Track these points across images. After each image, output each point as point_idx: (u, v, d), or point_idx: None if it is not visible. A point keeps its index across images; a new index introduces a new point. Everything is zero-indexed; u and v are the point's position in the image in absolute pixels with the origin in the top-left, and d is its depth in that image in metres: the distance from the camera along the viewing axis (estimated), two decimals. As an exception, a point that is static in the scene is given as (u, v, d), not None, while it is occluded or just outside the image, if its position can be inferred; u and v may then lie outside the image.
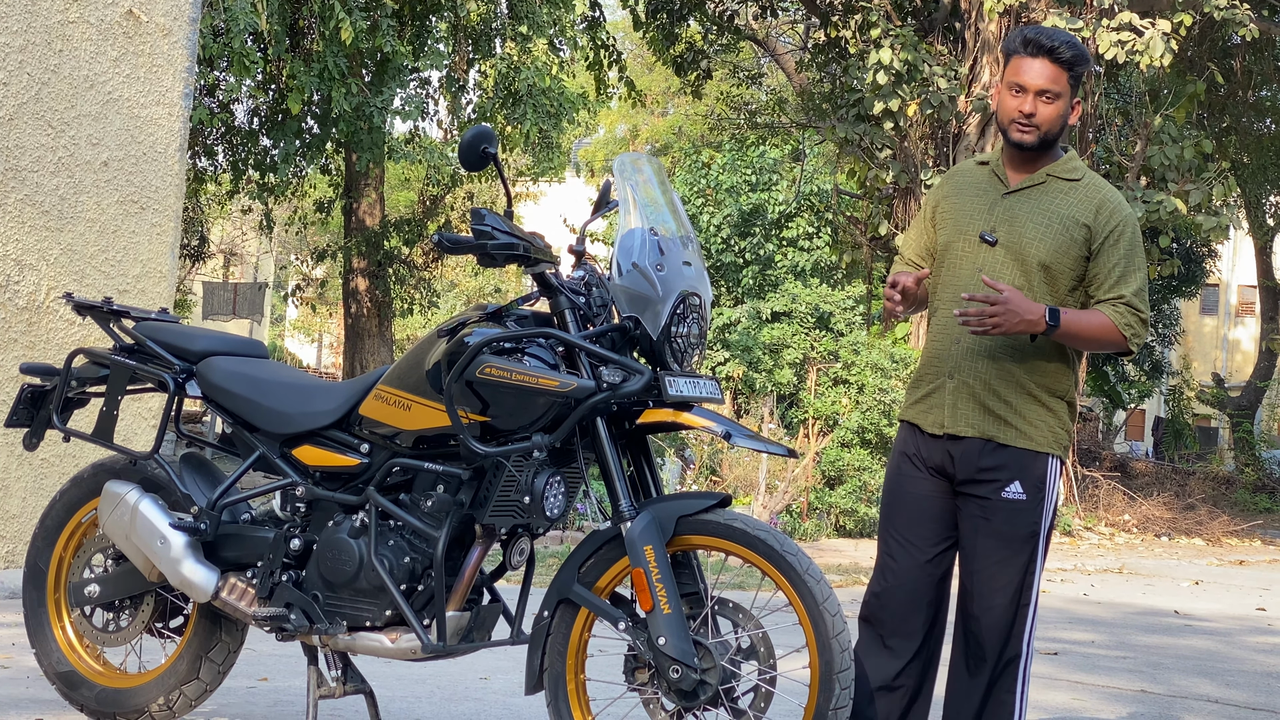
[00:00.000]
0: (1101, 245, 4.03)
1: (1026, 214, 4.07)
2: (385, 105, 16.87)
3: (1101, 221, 4.04)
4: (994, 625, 4.06)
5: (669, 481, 14.05)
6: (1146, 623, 9.65)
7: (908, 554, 4.14)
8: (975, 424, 4.05)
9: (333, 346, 48.16)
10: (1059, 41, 4.02)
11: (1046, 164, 4.12)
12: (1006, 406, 4.04)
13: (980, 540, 4.07)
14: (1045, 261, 4.01)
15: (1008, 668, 4.07)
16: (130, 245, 8.49)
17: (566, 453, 3.98)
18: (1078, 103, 4.12)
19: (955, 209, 4.18)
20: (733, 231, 23.77)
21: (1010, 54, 4.08)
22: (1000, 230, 4.06)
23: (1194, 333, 46.93)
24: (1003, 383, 4.04)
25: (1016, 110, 4.03)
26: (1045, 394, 4.08)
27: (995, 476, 4.04)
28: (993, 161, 4.20)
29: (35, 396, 4.73)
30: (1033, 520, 4.06)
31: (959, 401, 4.07)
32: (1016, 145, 4.07)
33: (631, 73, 21.84)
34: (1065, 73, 4.02)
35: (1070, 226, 4.03)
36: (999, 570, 4.05)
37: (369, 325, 21.63)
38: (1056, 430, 4.10)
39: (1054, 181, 4.10)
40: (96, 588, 4.52)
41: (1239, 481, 25.71)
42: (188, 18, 8.82)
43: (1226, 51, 21.30)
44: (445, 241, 3.93)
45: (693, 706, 3.74)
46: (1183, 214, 16.23)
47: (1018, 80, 4.03)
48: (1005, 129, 4.08)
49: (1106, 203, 4.07)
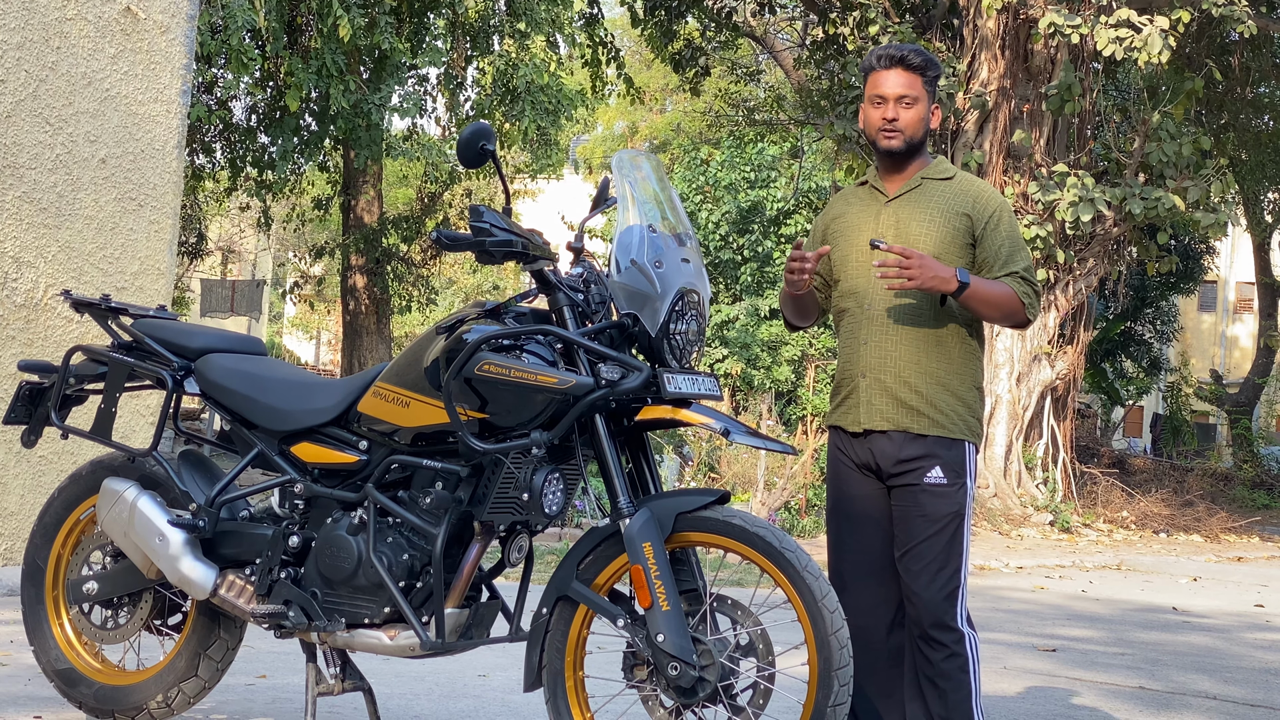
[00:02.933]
0: (984, 230, 4.27)
1: (909, 215, 4.30)
2: (383, 102, 16.88)
3: (980, 209, 4.28)
4: (929, 603, 4.18)
5: (667, 478, 14.06)
6: (1145, 619, 9.65)
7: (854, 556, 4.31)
8: (890, 417, 4.23)
9: (331, 343, 48.18)
10: (907, 50, 4.29)
11: (919, 169, 4.36)
12: (918, 397, 4.22)
13: (909, 524, 4.23)
14: (934, 254, 4.21)
15: (954, 645, 4.17)
16: (128, 242, 8.49)
17: (565, 450, 3.98)
18: (936, 107, 4.38)
19: (844, 226, 4.40)
20: (731, 228, 23.78)
21: (868, 72, 4.34)
22: (887, 234, 4.27)
23: (1192, 329, 46.95)
24: (914, 374, 4.23)
25: (880, 119, 4.30)
26: (956, 382, 4.27)
27: (917, 464, 4.21)
28: (870, 179, 4.44)
29: (33, 394, 4.72)
30: (956, 502, 4.23)
31: (873, 398, 4.26)
32: (886, 152, 4.31)
33: (630, 70, 21.85)
34: (919, 78, 4.29)
35: (951, 218, 4.26)
36: (926, 548, 4.20)
37: (367, 322, 21.63)
38: (968, 418, 4.28)
39: (929, 183, 4.34)
40: (95, 585, 4.52)
41: (1237, 478, 25.72)
42: (185, 14, 8.82)
43: (1225, 48, 21.28)
44: (444, 238, 3.92)
45: (691, 703, 3.75)
46: (1181, 210, 16.23)
47: (877, 92, 4.29)
48: (874, 140, 4.33)
49: (981, 193, 4.32)
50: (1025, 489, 17.64)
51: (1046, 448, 18.26)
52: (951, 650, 4.16)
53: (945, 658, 4.16)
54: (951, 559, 4.21)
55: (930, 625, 4.17)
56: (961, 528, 4.24)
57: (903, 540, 4.24)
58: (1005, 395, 17.62)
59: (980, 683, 4.22)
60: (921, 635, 4.20)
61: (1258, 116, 24.51)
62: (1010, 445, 17.69)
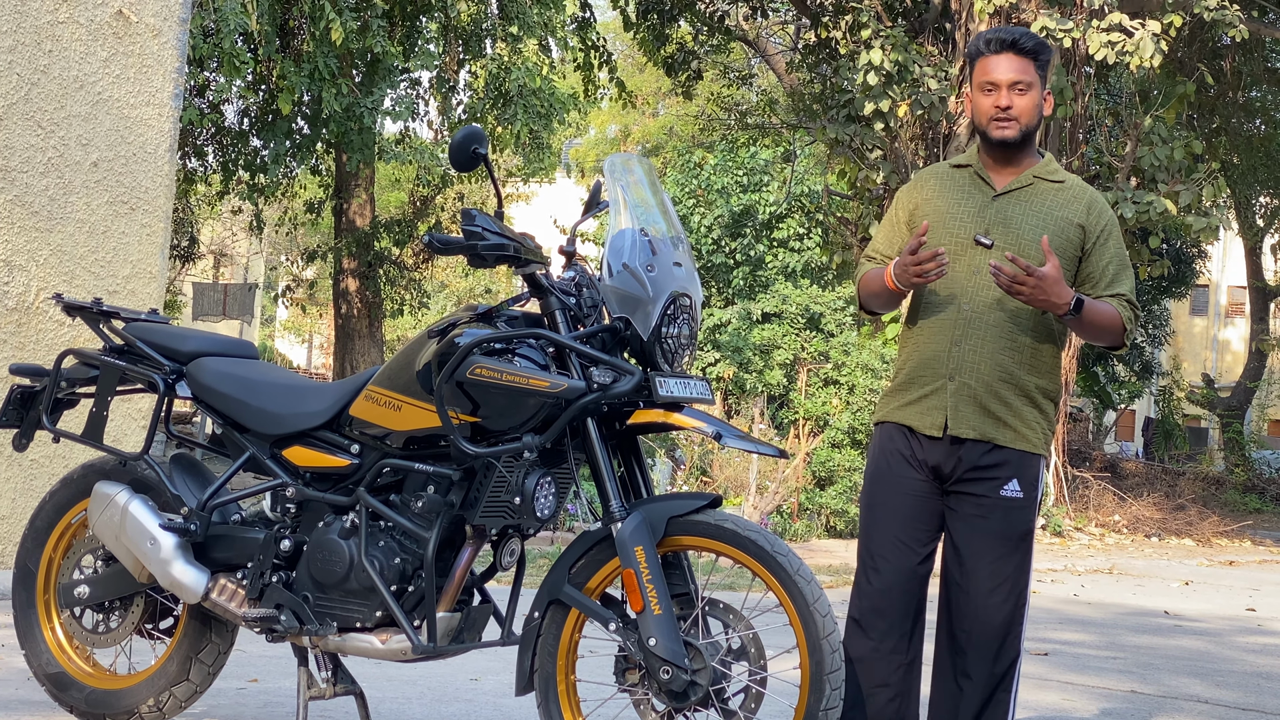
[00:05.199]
0: (1095, 244, 4.08)
1: (1021, 216, 4.08)
2: (376, 106, 16.87)
3: (1093, 221, 4.09)
4: (993, 625, 4.05)
5: (659, 482, 14.05)
6: (1137, 623, 9.66)
7: (900, 555, 4.12)
8: (976, 426, 4.05)
9: (323, 347, 48.14)
10: (1020, 34, 4.08)
11: (1029, 165, 4.15)
12: (1005, 408, 4.05)
13: (978, 539, 4.06)
14: (1040, 261, 3.98)
15: (1008, 669, 4.08)
16: (120, 246, 8.48)
17: (557, 453, 3.98)
18: (1049, 94, 4.15)
19: (939, 211, 4.15)
20: (723, 232, 23.77)
21: (975, 57, 4.11)
22: (995, 232, 4.06)
23: (1184, 333, 47.01)
24: (1002, 384, 4.05)
25: (993, 107, 4.06)
26: (1040, 395, 4.10)
27: (995, 475, 4.04)
28: (974, 165, 4.20)
29: (25, 397, 4.72)
30: (1027, 519, 4.09)
31: (960, 404, 4.06)
32: (1000, 143, 4.08)
33: (622, 73, 21.84)
34: (1032, 62, 4.06)
35: (1065, 227, 4.06)
36: (997, 568, 4.05)
37: (359, 326, 21.62)
38: (1047, 432, 4.14)
39: (1041, 183, 4.13)
40: (86, 589, 4.51)
41: (1229, 482, 25.78)
42: (178, 18, 8.81)
43: (1216, 52, 21.33)
44: (436, 242, 3.92)
45: (683, 707, 3.74)
46: (1173, 214, 16.26)
47: (988, 79, 4.06)
48: (985, 129, 4.09)
49: (1095, 203, 4.13)
50: (1017, 493, 17.62)
51: (1039, 451, 18.26)
52: (1007, 670, 4.06)
53: (1003, 674, 4.05)
54: (1021, 579, 4.08)
55: (992, 649, 4.05)
56: (1031, 546, 4.11)
57: (971, 555, 4.07)
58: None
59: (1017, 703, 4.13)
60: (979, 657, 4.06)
61: (1249, 120, 24.57)
62: (1002, 449, 17.68)
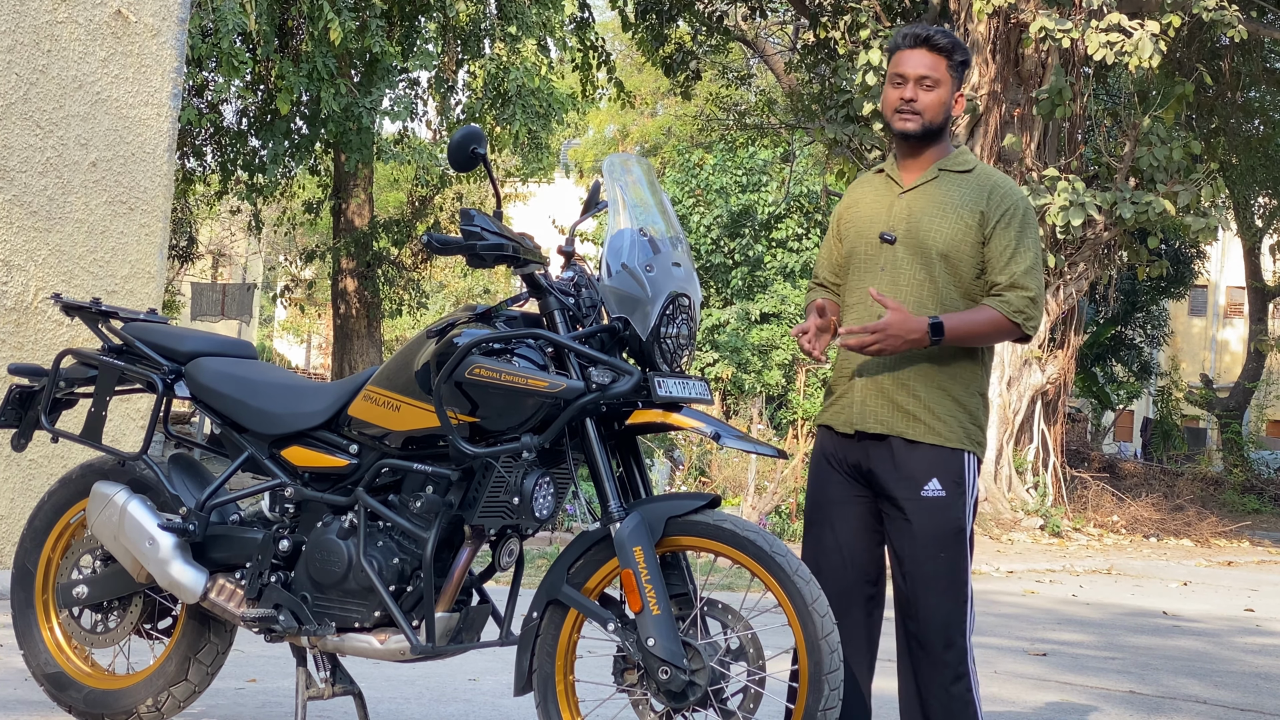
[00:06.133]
0: (994, 229, 4.07)
1: (922, 208, 4.11)
2: (374, 106, 16.87)
3: (993, 206, 4.09)
4: (934, 625, 4.05)
5: (658, 482, 14.05)
6: (1135, 623, 9.66)
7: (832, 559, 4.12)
8: (885, 421, 4.06)
9: (321, 347, 48.12)
10: (934, 31, 4.12)
11: (937, 158, 4.18)
12: (916, 402, 4.05)
13: (907, 542, 4.06)
14: (944, 251, 4.05)
15: (958, 666, 4.05)
16: (119, 246, 8.48)
17: (555, 453, 3.98)
18: (960, 95, 4.19)
19: (857, 216, 4.23)
20: (722, 232, 23.79)
21: (892, 51, 4.17)
22: (899, 227, 4.11)
23: (1182, 334, 47.01)
24: (913, 378, 4.06)
25: (898, 99, 4.11)
26: (958, 388, 4.09)
27: (914, 474, 4.04)
28: (887, 167, 4.26)
29: (23, 397, 4.72)
30: (956, 517, 4.05)
31: (868, 399, 4.09)
32: (901, 134, 4.13)
33: (621, 73, 21.85)
34: (943, 60, 4.10)
35: (964, 214, 4.08)
36: (932, 569, 4.04)
37: (358, 326, 21.62)
38: (969, 426, 4.10)
39: (946, 175, 4.16)
40: (85, 589, 4.51)
41: (1227, 482, 25.77)
42: (176, 18, 8.81)
43: (1215, 53, 21.33)
44: (434, 242, 3.92)
45: (681, 707, 3.74)
46: (1171, 215, 16.26)
47: (898, 71, 4.12)
48: (890, 120, 4.15)
49: (997, 188, 4.12)
50: (1016, 493, 17.66)
51: (1037, 452, 18.28)
52: (957, 672, 4.05)
53: (953, 680, 4.04)
54: (958, 575, 4.05)
55: (937, 646, 4.04)
56: (965, 544, 4.07)
57: (904, 559, 4.07)
58: (995, 399, 17.64)
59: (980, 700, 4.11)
60: (927, 654, 4.06)
61: (1248, 121, 24.58)
62: (1001, 450, 17.71)
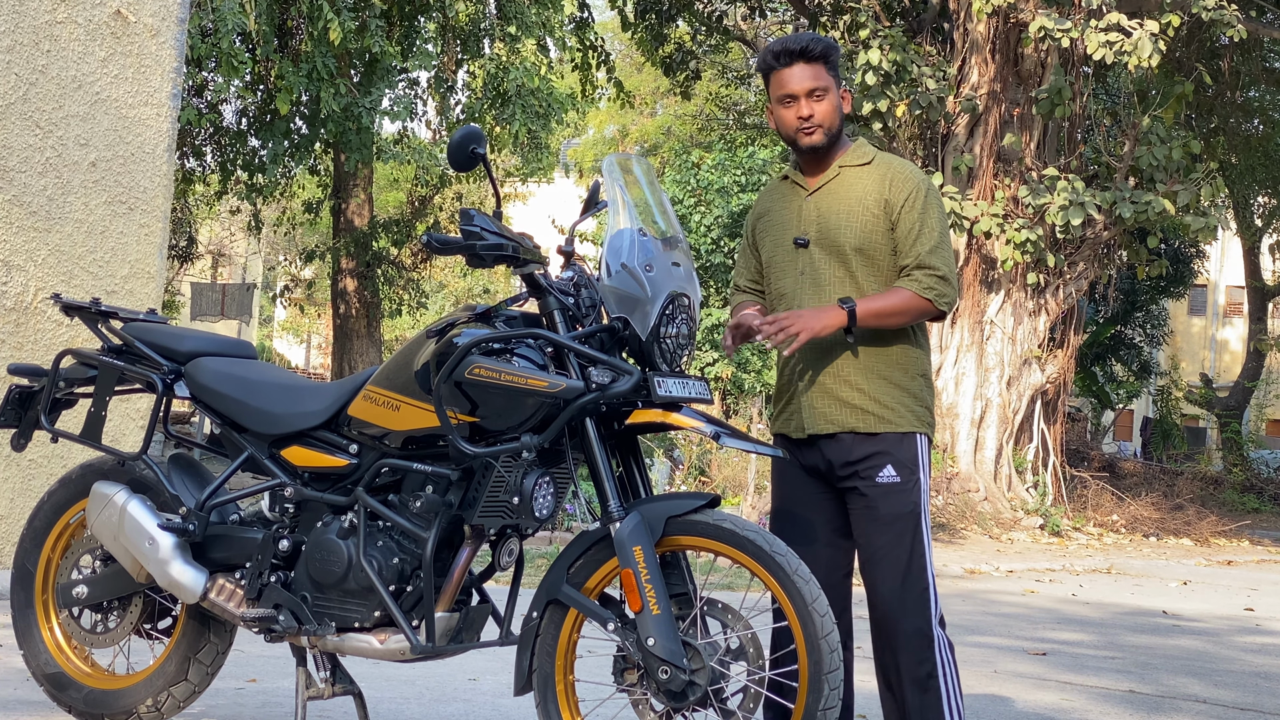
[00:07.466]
0: (900, 214, 4.11)
1: (829, 208, 4.16)
2: (374, 105, 16.86)
3: (895, 192, 4.13)
4: (898, 609, 4.07)
5: (658, 482, 14.05)
6: (1135, 623, 9.66)
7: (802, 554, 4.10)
8: (835, 419, 4.11)
9: (321, 347, 48.15)
10: (806, 40, 4.13)
11: (838, 157, 4.21)
12: (861, 395, 4.10)
13: (866, 528, 4.11)
14: (858, 246, 4.10)
15: (925, 653, 4.05)
16: (118, 246, 8.48)
17: (555, 453, 3.98)
18: (845, 91, 4.21)
19: (768, 225, 4.29)
20: (722, 232, 23.76)
21: (769, 72, 4.18)
22: (810, 230, 4.16)
23: (1182, 333, 47.03)
24: (853, 372, 4.11)
25: (795, 119, 4.14)
26: (899, 374, 4.14)
27: (869, 464, 4.09)
28: (790, 173, 4.30)
29: (23, 397, 4.72)
30: (911, 500, 4.09)
31: (814, 401, 4.14)
32: (810, 150, 4.16)
33: (620, 73, 21.85)
34: (823, 66, 4.13)
35: (870, 206, 4.12)
36: (886, 553, 4.08)
37: (357, 326, 21.62)
38: (915, 408, 4.15)
39: (847, 171, 4.19)
40: (84, 589, 4.51)
41: (1227, 482, 25.77)
42: (176, 18, 8.81)
43: (1214, 52, 21.34)
44: (434, 242, 3.91)
45: (681, 707, 3.74)
46: (1171, 214, 16.27)
47: (785, 91, 4.13)
48: (794, 140, 4.17)
49: (898, 175, 4.16)
50: (1015, 492, 17.66)
51: (1036, 451, 18.29)
52: (923, 659, 4.05)
53: (922, 672, 4.04)
54: (915, 560, 4.08)
55: (901, 631, 4.05)
56: (920, 526, 4.11)
57: (863, 546, 4.13)
58: (995, 399, 17.64)
59: (957, 683, 4.10)
60: (891, 642, 4.08)
61: (1247, 120, 24.58)
62: (1000, 449, 17.71)
